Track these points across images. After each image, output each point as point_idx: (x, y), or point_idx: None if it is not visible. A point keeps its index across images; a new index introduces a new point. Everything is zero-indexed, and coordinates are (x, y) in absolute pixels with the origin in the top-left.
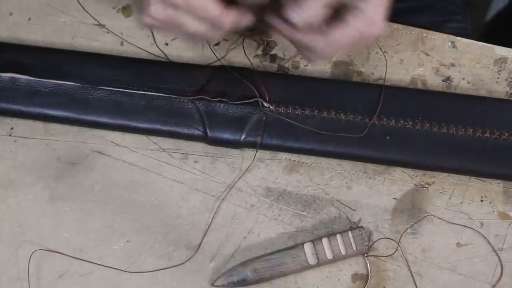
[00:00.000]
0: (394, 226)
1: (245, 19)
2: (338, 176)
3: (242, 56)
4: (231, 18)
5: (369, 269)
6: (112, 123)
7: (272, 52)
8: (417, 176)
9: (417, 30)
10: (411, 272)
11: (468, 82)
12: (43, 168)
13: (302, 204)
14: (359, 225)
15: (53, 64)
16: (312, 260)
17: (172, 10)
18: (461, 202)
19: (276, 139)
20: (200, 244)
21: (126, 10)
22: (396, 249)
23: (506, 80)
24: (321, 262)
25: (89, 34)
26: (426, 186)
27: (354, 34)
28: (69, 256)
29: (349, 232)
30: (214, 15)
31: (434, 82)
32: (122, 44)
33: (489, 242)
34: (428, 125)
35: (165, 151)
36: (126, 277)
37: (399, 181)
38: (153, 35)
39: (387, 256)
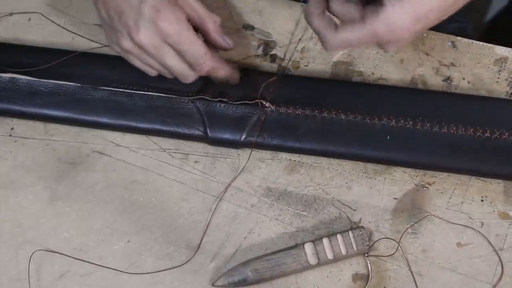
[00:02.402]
0: (395, 226)
1: (223, 71)
2: (338, 176)
3: (242, 56)
4: (211, 63)
5: (369, 269)
6: (113, 123)
7: (272, 52)
8: (417, 176)
9: None
10: (411, 272)
11: (468, 82)
12: (43, 168)
13: (302, 204)
14: (360, 225)
15: (53, 64)
16: (312, 260)
17: (160, 39)
18: (462, 202)
19: (276, 139)
20: (199, 244)
21: None
22: (397, 249)
23: (506, 80)
24: (322, 262)
25: (89, 34)
26: (427, 186)
27: (367, 36)
28: (69, 256)
29: (350, 232)
30: (198, 52)
31: (434, 82)
32: None
33: (489, 242)
34: (428, 125)
35: (165, 151)
36: (126, 277)
37: (399, 181)
38: None
39: (387, 256)
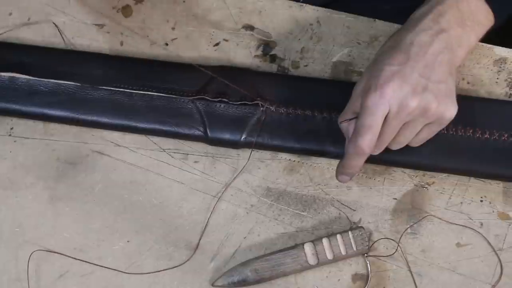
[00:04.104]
0: (394, 226)
1: None
2: None
3: (242, 56)
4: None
5: (369, 269)
6: (112, 123)
7: (272, 52)
8: (417, 176)
9: None
10: (411, 272)
11: (468, 83)
12: (43, 168)
13: (302, 204)
14: (359, 225)
15: (53, 64)
16: (312, 260)
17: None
18: (461, 202)
19: (276, 139)
20: (198, 244)
21: (126, 10)
22: (396, 249)
23: (506, 80)
24: (321, 262)
25: (89, 34)
26: (426, 186)
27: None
28: (69, 256)
29: (349, 232)
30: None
31: None
32: (122, 44)
33: (489, 242)
34: None
35: (165, 151)
36: (126, 277)
37: (399, 181)
38: None
39: (387, 256)
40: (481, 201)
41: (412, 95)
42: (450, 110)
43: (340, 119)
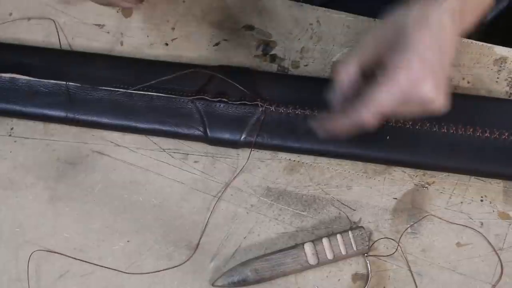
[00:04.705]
0: (394, 226)
1: None
2: (338, 176)
3: (242, 56)
4: None
5: (369, 269)
6: (112, 123)
7: (272, 52)
8: (417, 176)
9: None
10: (411, 272)
11: (468, 82)
12: (43, 168)
13: (302, 204)
14: (359, 225)
15: (53, 64)
16: (312, 260)
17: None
18: (461, 202)
19: (276, 139)
20: (198, 244)
21: (126, 10)
22: (396, 249)
23: (506, 79)
24: (322, 262)
25: (89, 34)
26: (426, 186)
27: (395, 94)
28: (69, 256)
29: (349, 232)
30: None
31: None
32: (122, 44)
33: (489, 242)
34: (428, 125)
35: (165, 151)
36: (126, 277)
37: (399, 181)
38: None
39: (387, 256)
40: (482, 200)
41: (431, 87)
42: (444, 105)
43: (340, 67)
